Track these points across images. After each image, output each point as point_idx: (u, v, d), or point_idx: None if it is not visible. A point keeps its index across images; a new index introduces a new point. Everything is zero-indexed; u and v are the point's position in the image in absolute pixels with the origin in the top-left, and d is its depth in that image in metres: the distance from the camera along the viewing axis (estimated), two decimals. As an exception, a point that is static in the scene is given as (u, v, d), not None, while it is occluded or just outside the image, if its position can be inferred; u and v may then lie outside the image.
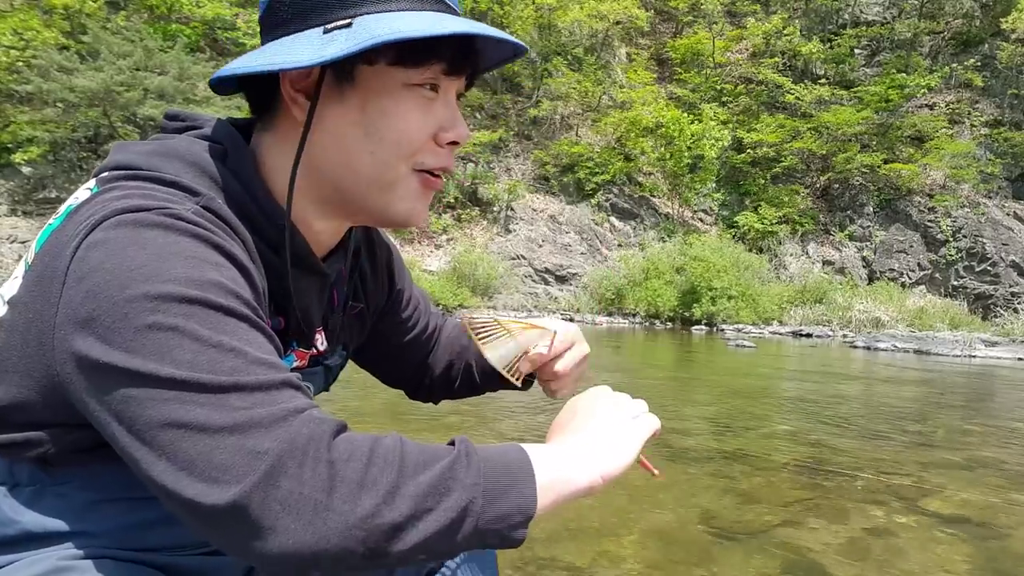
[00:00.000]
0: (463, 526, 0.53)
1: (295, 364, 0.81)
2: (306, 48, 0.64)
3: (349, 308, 0.90)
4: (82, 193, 0.65)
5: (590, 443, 0.65)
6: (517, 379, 0.89)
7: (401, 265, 1.02)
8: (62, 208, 0.65)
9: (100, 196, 0.62)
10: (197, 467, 0.50)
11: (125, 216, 0.57)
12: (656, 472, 0.78)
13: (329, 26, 0.65)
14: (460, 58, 0.70)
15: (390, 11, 0.66)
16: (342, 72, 0.67)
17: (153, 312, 0.53)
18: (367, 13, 0.65)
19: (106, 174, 0.67)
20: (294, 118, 0.70)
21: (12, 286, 0.65)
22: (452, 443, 0.58)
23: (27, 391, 0.62)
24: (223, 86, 0.74)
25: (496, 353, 0.87)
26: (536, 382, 0.97)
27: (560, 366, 0.91)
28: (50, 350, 0.58)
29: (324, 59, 0.62)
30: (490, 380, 1.05)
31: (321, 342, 0.85)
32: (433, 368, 1.07)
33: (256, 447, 0.50)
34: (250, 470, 0.49)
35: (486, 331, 0.87)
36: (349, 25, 0.64)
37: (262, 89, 0.72)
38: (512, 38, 0.70)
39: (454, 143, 0.73)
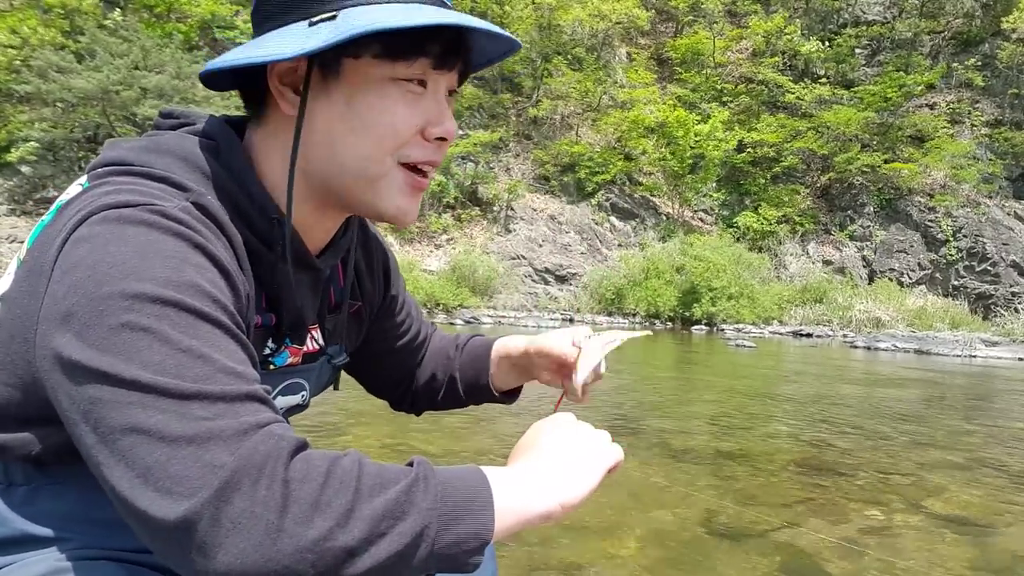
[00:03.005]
0: (418, 551, 0.52)
1: (289, 360, 0.81)
2: (291, 41, 0.65)
3: (347, 306, 0.90)
4: (73, 189, 0.66)
5: (551, 469, 0.63)
6: (584, 395, 0.93)
7: (396, 269, 1.02)
8: (54, 204, 0.66)
9: (90, 191, 0.62)
10: (153, 475, 0.49)
11: (110, 212, 0.57)
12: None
13: (315, 19, 0.65)
14: (448, 53, 0.69)
15: (376, 3, 0.66)
16: (328, 66, 0.68)
17: (127, 311, 0.53)
18: (353, 6, 0.65)
19: (98, 170, 0.67)
20: (283, 113, 0.70)
21: (5, 283, 0.65)
22: (411, 463, 0.57)
23: (12, 388, 0.62)
24: (218, 81, 0.74)
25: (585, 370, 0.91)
26: (520, 393, 0.99)
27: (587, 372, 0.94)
28: (32, 345, 0.58)
29: (305, 51, 0.62)
30: (474, 394, 1.05)
31: (317, 339, 0.85)
32: (419, 378, 1.07)
33: (213, 460, 0.49)
34: (204, 484, 0.48)
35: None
36: (333, 18, 0.65)
37: (253, 84, 0.72)
38: (502, 31, 0.69)
39: (442, 139, 0.72)
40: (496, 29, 0.68)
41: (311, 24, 0.65)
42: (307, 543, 0.49)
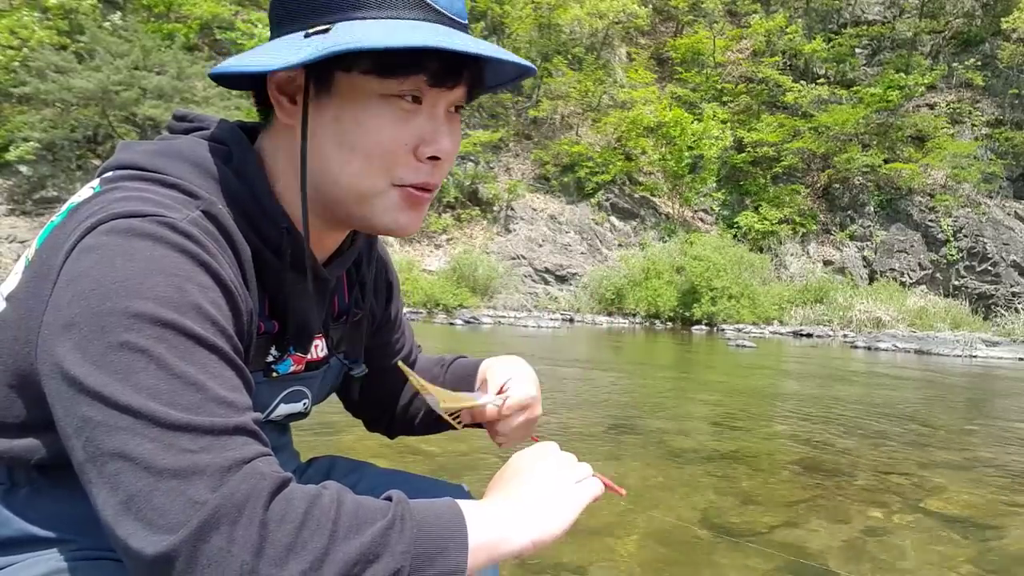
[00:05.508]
0: None
1: (292, 368, 0.81)
2: (283, 52, 0.64)
3: (351, 316, 0.90)
4: (85, 191, 0.66)
5: (527, 505, 0.64)
6: (458, 423, 0.89)
7: (398, 286, 1.02)
8: (64, 206, 0.66)
9: (101, 196, 0.62)
10: (135, 504, 0.50)
11: (119, 222, 0.58)
12: (623, 492, 0.78)
13: (310, 31, 0.65)
14: (446, 70, 0.66)
15: (369, 19, 0.64)
16: (321, 79, 0.67)
17: (127, 330, 0.53)
18: (347, 20, 0.64)
19: (109, 173, 0.67)
20: (285, 121, 0.70)
21: (12, 282, 0.65)
22: (389, 498, 0.58)
23: (16, 391, 0.62)
24: (236, 81, 0.75)
25: (439, 399, 0.88)
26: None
27: (501, 428, 0.92)
28: (34, 347, 0.58)
29: (289, 64, 0.62)
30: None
31: (321, 348, 0.85)
32: (402, 398, 1.06)
33: (195, 496, 0.50)
34: (184, 521, 0.49)
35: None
36: (327, 31, 0.64)
37: (260, 90, 0.73)
38: (504, 54, 0.66)
39: (435, 158, 0.69)
40: (498, 54, 0.65)
41: (306, 36, 0.64)
42: None
